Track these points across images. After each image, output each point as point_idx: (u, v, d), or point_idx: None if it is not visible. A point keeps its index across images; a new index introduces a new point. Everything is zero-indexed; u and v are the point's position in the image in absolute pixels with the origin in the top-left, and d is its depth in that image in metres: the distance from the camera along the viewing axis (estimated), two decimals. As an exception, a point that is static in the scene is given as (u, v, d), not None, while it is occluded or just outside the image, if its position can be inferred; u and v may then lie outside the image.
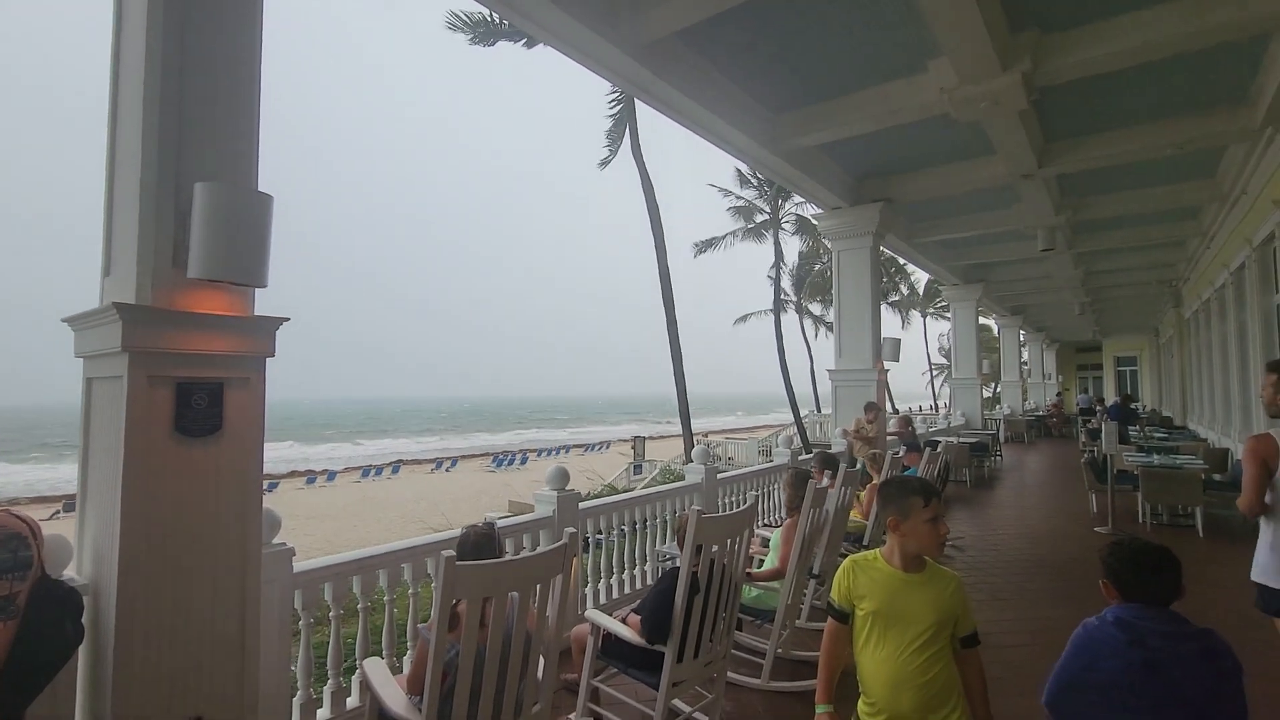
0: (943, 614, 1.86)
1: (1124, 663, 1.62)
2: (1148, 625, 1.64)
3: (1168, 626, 1.64)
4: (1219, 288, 9.55)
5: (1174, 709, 1.56)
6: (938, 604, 1.87)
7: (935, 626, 1.85)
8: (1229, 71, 5.29)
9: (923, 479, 2.08)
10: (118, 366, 2.10)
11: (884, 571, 1.93)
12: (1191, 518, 7.13)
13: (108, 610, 2.06)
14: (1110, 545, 1.79)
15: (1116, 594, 1.73)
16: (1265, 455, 2.74)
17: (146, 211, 2.16)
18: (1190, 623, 1.66)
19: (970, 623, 1.90)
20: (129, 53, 2.31)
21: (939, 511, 1.92)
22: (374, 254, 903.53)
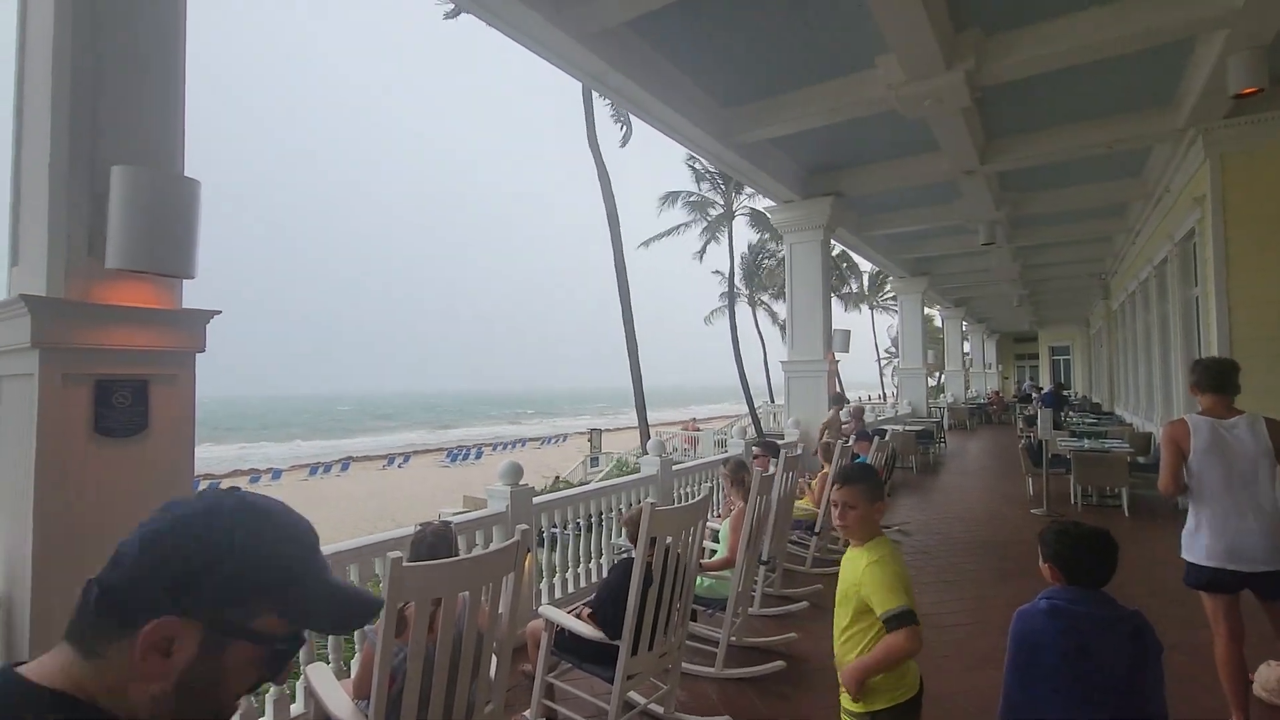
0: (845, 587, 1.94)
1: (1060, 650, 1.68)
2: (1081, 610, 1.71)
3: (1101, 610, 1.71)
4: (1143, 281, 10.11)
5: (1103, 691, 1.63)
6: (845, 577, 1.96)
7: (841, 599, 1.95)
8: (1156, 75, 5.57)
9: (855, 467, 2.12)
10: (28, 364, 1.96)
11: (849, 549, 2.05)
12: (1118, 498, 7.55)
13: (21, 625, 1.93)
14: (1054, 530, 1.83)
15: (1062, 577, 1.78)
16: (1178, 438, 2.89)
17: (57, 196, 2.00)
18: (1120, 604, 1.73)
19: (878, 603, 1.80)
20: (37, 19, 2.14)
21: (838, 499, 2.00)
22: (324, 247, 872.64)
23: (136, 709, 0.63)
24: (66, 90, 2.02)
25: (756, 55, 5.30)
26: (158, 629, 0.62)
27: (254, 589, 0.66)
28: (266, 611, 0.67)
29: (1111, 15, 4.47)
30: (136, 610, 0.63)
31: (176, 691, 0.63)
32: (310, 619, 0.70)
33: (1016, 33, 4.79)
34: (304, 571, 0.70)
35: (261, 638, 0.66)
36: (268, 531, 0.69)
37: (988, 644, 3.71)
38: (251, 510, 0.69)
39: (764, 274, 29.88)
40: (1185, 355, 7.68)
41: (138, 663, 0.62)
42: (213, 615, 0.64)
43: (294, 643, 0.70)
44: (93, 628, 0.64)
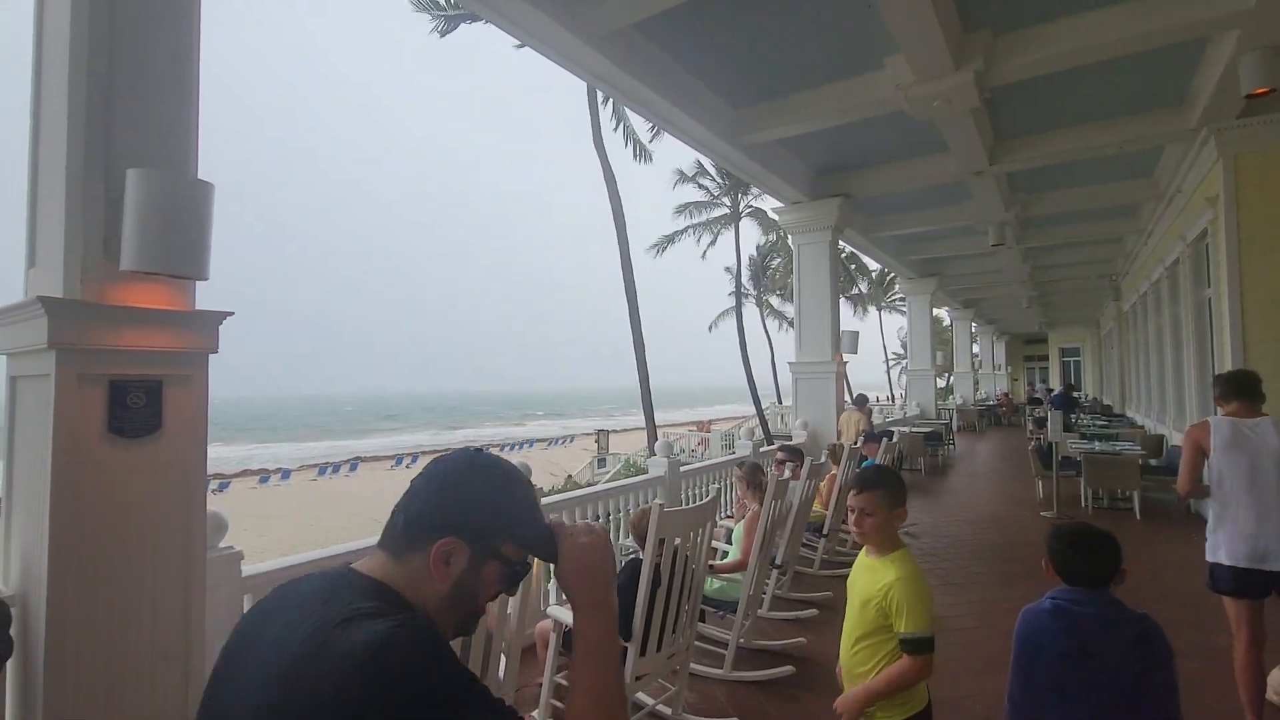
0: (865, 598, 1.89)
1: (1061, 650, 1.67)
2: (1083, 610, 1.70)
3: (1104, 612, 1.69)
4: (1155, 282, 10.03)
5: (1106, 694, 1.62)
6: (864, 588, 1.91)
7: (858, 609, 1.91)
8: (1168, 75, 5.53)
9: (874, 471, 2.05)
10: (44, 365, 1.98)
11: (861, 554, 2.03)
12: (1130, 501, 7.49)
13: (37, 622, 1.95)
14: (1053, 529, 1.84)
15: (1061, 576, 1.78)
16: (1199, 438, 2.88)
17: (74, 199, 2.02)
18: (1127, 607, 1.71)
19: (905, 624, 1.77)
20: (52, 24, 2.17)
21: (854, 505, 1.95)
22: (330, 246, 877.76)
23: (426, 600, 0.89)
24: (82, 95, 2.04)
25: (765, 56, 5.30)
26: (443, 546, 0.89)
27: (502, 524, 0.93)
28: (508, 541, 0.94)
29: (1121, 15, 4.44)
30: (429, 532, 0.90)
31: (451, 591, 0.91)
32: (534, 549, 0.97)
33: (1026, 33, 4.77)
34: (531, 515, 0.97)
35: (505, 559, 0.94)
36: (511, 484, 0.97)
37: (996, 647, 3.69)
38: (500, 468, 0.98)
39: (771, 275, 29.82)
40: (1197, 357, 7.61)
41: (429, 568, 0.89)
42: (476, 540, 0.91)
43: (524, 566, 0.96)
44: (401, 542, 0.91)
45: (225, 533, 2.49)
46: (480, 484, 0.94)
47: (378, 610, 0.81)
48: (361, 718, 0.70)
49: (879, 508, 1.91)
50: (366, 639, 0.75)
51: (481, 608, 0.96)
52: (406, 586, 0.89)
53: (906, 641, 1.78)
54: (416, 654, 0.76)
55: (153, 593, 2.12)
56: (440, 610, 0.90)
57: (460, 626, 0.95)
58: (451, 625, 0.93)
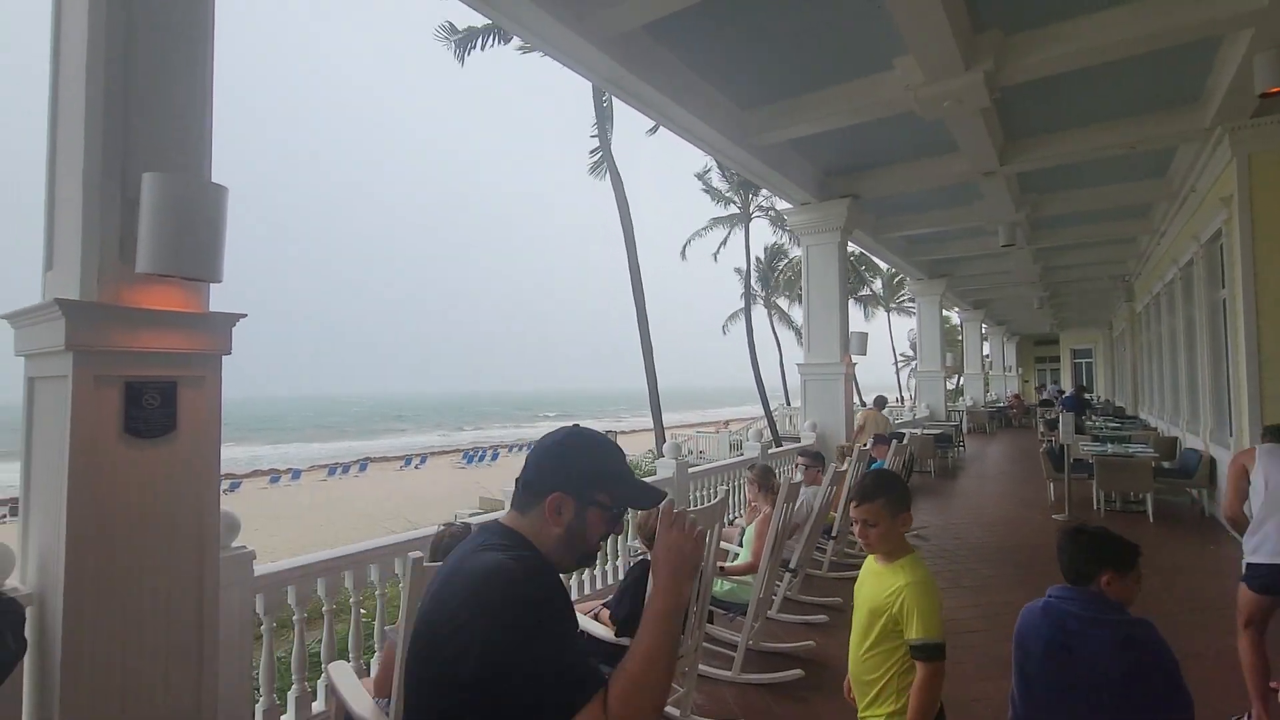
0: (874, 605, 1.86)
1: (1045, 644, 1.71)
2: (1068, 608, 1.73)
3: (1087, 610, 1.70)
4: (1168, 283, 9.93)
5: (1085, 691, 1.62)
6: (873, 595, 1.88)
7: (867, 616, 1.88)
8: (1181, 73, 5.47)
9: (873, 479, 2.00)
10: (61, 366, 2.01)
11: (869, 559, 2.02)
12: (1143, 504, 7.42)
13: (54, 621, 1.97)
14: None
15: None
16: (1244, 461, 3.06)
17: (91, 203, 2.05)
18: (1119, 610, 1.69)
19: (915, 630, 1.76)
20: (70, 31, 2.20)
21: (859, 517, 1.91)
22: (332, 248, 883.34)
23: (546, 543, 1.13)
24: (99, 101, 2.07)
25: (774, 57, 5.29)
26: (554, 500, 1.13)
27: (599, 478, 1.17)
28: (603, 492, 1.17)
29: (1133, 15, 4.40)
30: (542, 489, 1.14)
31: (564, 535, 1.14)
32: (627, 500, 1.21)
33: (1037, 32, 4.74)
34: (621, 471, 1.21)
35: (604, 507, 1.17)
36: (600, 448, 1.20)
37: (1006, 650, 3.64)
38: (593, 436, 1.22)
39: (779, 278, 29.74)
40: (1212, 359, 7.52)
41: (544, 518, 1.13)
42: (579, 493, 1.14)
43: (620, 512, 1.21)
44: (523, 499, 1.17)
45: (238, 532, 2.52)
46: (576, 449, 1.18)
47: (504, 546, 1.09)
48: (468, 623, 0.98)
49: (881, 517, 1.87)
50: (486, 563, 1.04)
51: (595, 546, 1.19)
52: (530, 533, 1.14)
53: (917, 648, 1.74)
54: (518, 580, 1.01)
55: (167, 591, 2.15)
56: (558, 550, 1.14)
57: (579, 561, 1.19)
58: (570, 560, 1.17)
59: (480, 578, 1.02)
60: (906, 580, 1.80)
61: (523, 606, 0.98)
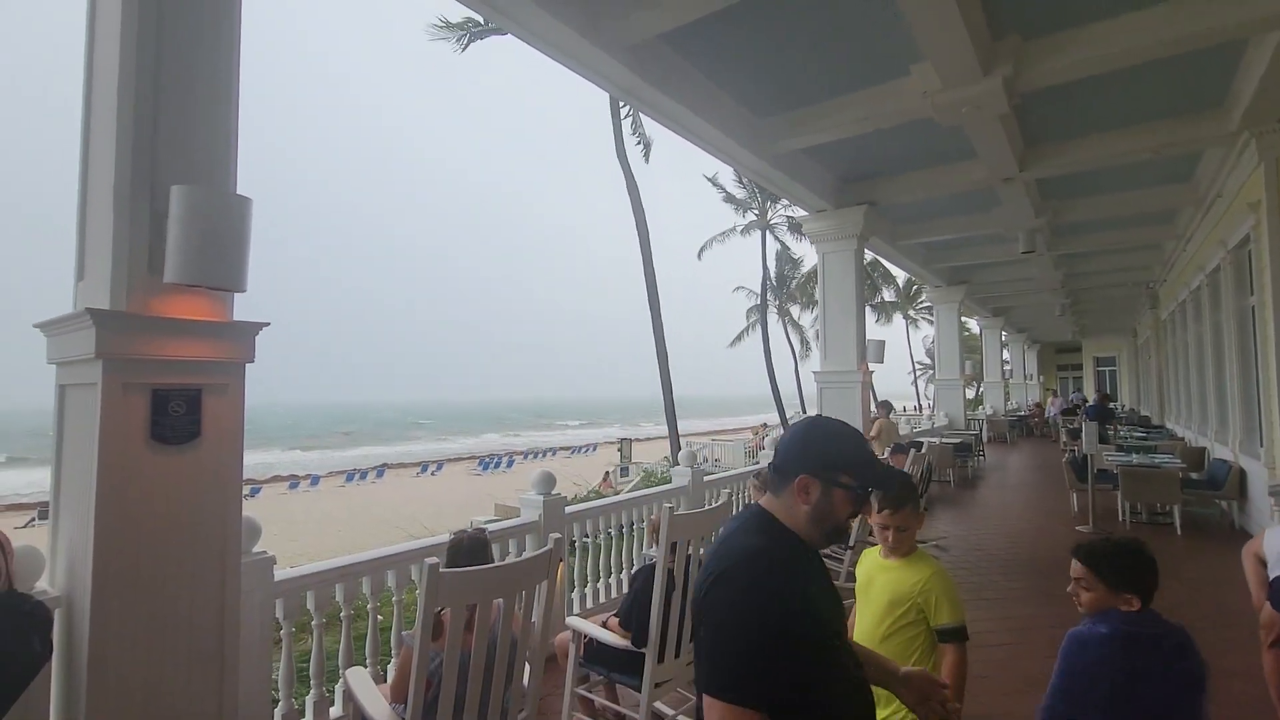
0: (896, 597, 1.92)
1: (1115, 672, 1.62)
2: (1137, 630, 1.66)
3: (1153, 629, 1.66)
4: (1195, 290, 9.73)
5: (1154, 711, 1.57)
6: (893, 587, 1.94)
7: (887, 608, 1.93)
8: (1206, 76, 5.38)
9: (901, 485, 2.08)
10: (91, 374, 2.06)
11: (871, 555, 2.08)
12: (1170, 516, 7.25)
13: (81, 623, 2.01)
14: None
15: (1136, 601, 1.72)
16: (1254, 548, 2.97)
17: (121, 215, 2.11)
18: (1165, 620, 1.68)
19: (947, 615, 1.89)
20: (103, 51, 2.27)
21: (888, 522, 1.97)
22: (354, 255, 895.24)
23: (797, 521, 1.26)
24: (130, 117, 2.13)
25: (790, 65, 5.29)
26: (801, 482, 1.25)
27: (841, 461, 1.26)
28: (846, 474, 1.25)
29: (1156, 19, 4.33)
30: (790, 472, 1.26)
31: (812, 513, 1.25)
32: (869, 481, 1.28)
33: (1056, 37, 4.68)
34: (860, 455, 1.29)
35: (847, 487, 1.25)
36: (840, 435, 1.31)
37: (1032, 667, 3.58)
38: (832, 424, 1.33)
39: (793, 285, 29.61)
40: (1240, 367, 7.36)
41: (794, 499, 1.26)
42: (824, 474, 1.24)
43: (865, 492, 1.28)
44: (775, 483, 1.30)
45: (259, 538, 2.56)
46: (817, 437, 1.30)
47: (760, 529, 1.26)
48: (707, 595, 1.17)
49: (912, 521, 1.97)
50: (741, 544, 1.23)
51: (844, 523, 1.28)
52: (783, 514, 1.28)
53: (951, 631, 1.87)
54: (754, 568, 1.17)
55: (190, 596, 2.18)
56: (807, 527, 1.26)
57: (828, 537, 1.29)
58: (819, 536, 1.28)
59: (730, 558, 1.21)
60: (932, 570, 1.92)
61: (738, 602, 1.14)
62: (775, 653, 1.09)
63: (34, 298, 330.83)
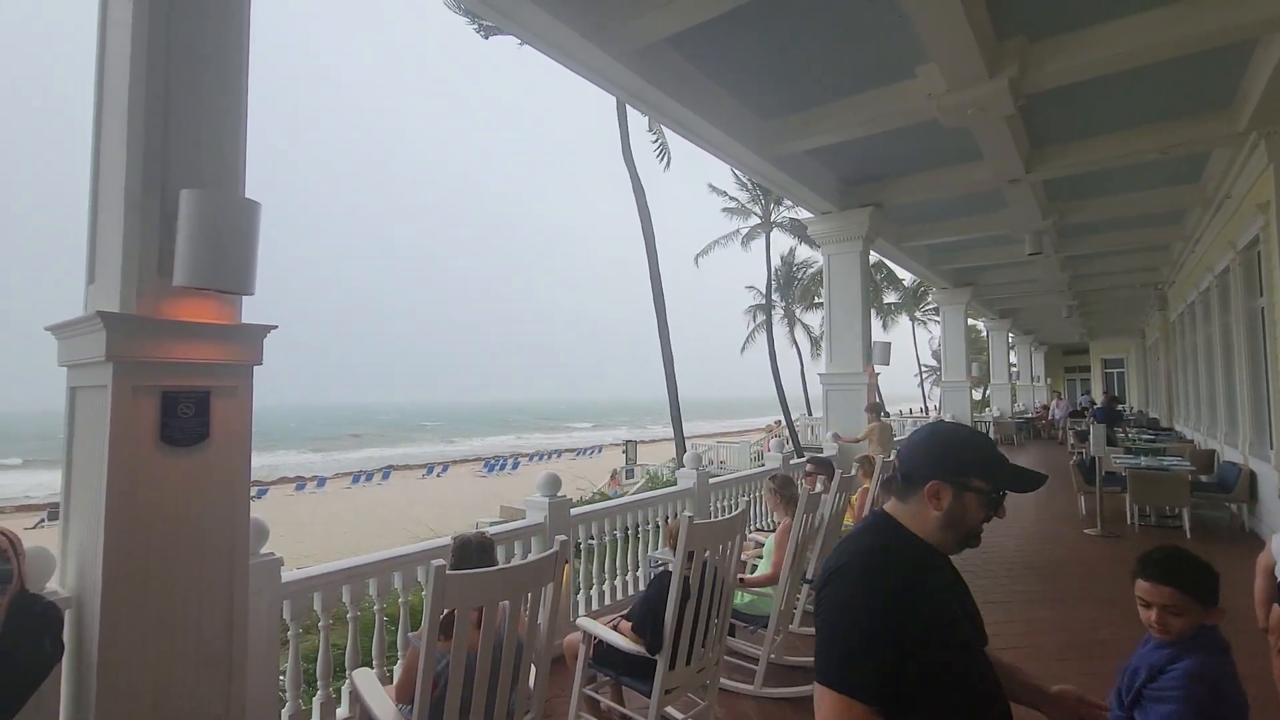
0: None
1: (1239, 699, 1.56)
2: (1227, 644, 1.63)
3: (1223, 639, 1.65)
4: (1204, 291, 9.66)
5: None
6: None
7: None
8: (1214, 77, 5.35)
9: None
10: (102, 376, 2.07)
11: None
12: (1179, 519, 7.19)
13: (91, 623, 2.03)
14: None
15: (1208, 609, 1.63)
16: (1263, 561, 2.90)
17: (131, 219, 2.13)
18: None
19: None
20: (113, 57, 2.29)
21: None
22: (356, 257, 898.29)
23: (926, 527, 1.26)
24: (140, 120, 2.15)
25: (795, 67, 5.30)
26: (931, 487, 1.25)
27: (970, 466, 1.25)
28: (978, 478, 1.25)
29: (1162, 19, 4.31)
30: (919, 478, 1.27)
31: (943, 519, 1.25)
32: (1003, 484, 1.26)
33: (1062, 38, 4.67)
34: (993, 457, 1.28)
35: (979, 492, 1.24)
36: (967, 439, 1.31)
37: (1039, 670, 3.56)
38: (958, 429, 1.33)
39: (798, 287, 29.56)
40: (1250, 369, 7.30)
41: (924, 505, 1.26)
42: (954, 479, 1.24)
43: (1000, 496, 1.26)
44: (902, 489, 1.30)
45: (267, 539, 2.57)
46: (945, 441, 1.30)
47: (880, 531, 1.30)
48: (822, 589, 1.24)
49: None
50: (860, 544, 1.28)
51: (978, 528, 1.27)
52: (908, 519, 1.28)
53: None
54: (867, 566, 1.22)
55: (198, 597, 2.20)
56: (939, 533, 1.26)
57: (960, 542, 1.28)
58: (952, 542, 1.27)
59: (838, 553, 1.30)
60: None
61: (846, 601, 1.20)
62: (884, 649, 1.11)
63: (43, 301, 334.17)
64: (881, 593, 1.16)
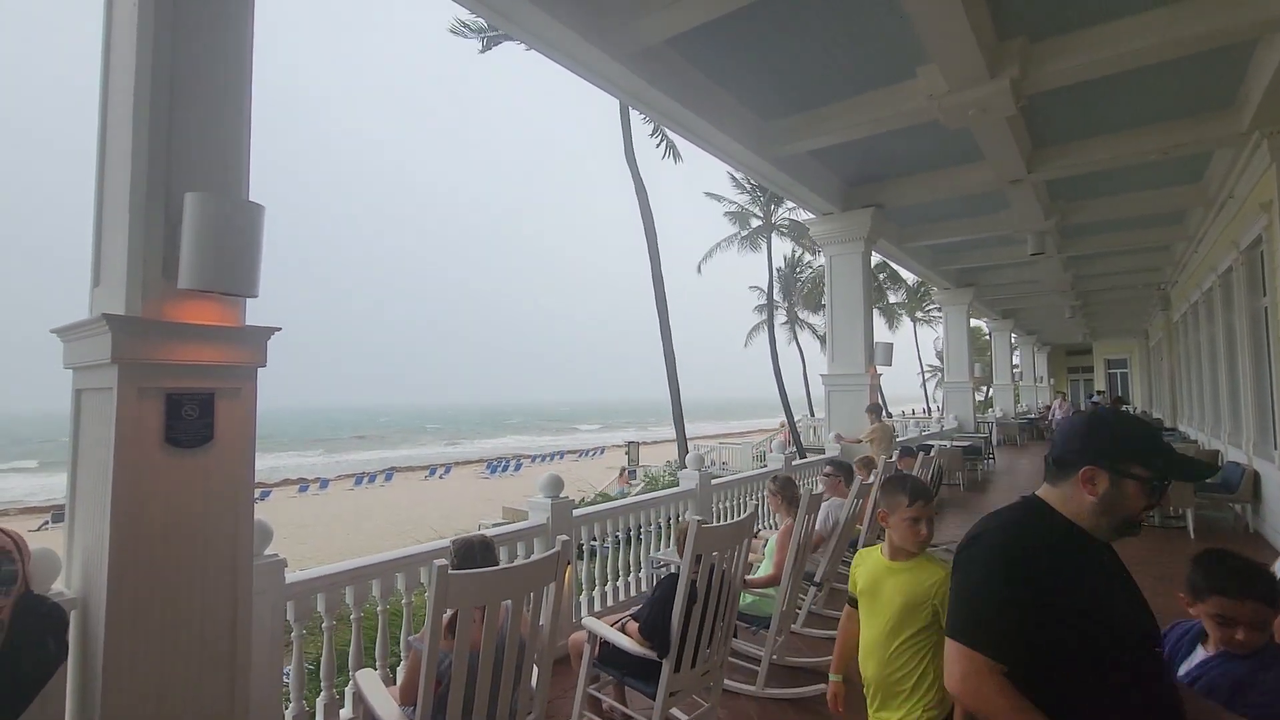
0: (911, 599, 1.92)
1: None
2: None
3: None
4: (1207, 291, 9.64)
5: None
6: (908, 590, 1.94)
7: (902, 611, 1.93)
8: (1215, 77, 5.35)
9: (918, 480, 2.12)
10: (107, 378, 2.09)
11: (874, 559, 2.08)
12: (1183, 519, 7.17)
13: (96, 624, 2.04)
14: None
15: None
16: None
17: (136, 222, 2.14)
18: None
19: None
20: (118, 62, 2.31)
21: (922, 514, 2.00)
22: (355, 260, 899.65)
23: (1081, 512, 1.27)
24: (145, 124, 2.17)
25: (796, 68, 5.31)
26: (1086, 472, 1.26)
27: (1132, 452, 1.24)
28: (1139, 465, 1.23)
29: (1163, 20, 4.31)
30: (1073, 463, 1.27)
31: (1098, 505, 1.25)
32: (1166, 472, 1.25)
33: (1063, 39, 4.67)
34: (1156, 445, 1.26)
35: (1140, 480, 1.23)
36: (1128, 425, 1.29)
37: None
38: (1119, 414, 1.33)
39: (801, 288, 29.56)
40: (1254, 368, 7.28)
41: (1077, 490, 1.27)
42: (1113, 466, 1.24)
43: (1162, 484, 1.24)
44: (1054, 474, 1.32)
45: (270, 541, 2.58)
46: (1102, 428, 1.29)
47: (1029, 509, 1.32)
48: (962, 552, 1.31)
49: (933, 513, 2.03)
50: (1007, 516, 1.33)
51: (1137, 515, 1.26)
52: (1059, 502, 1.30)
53: None
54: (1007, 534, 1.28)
55: (202, 598, 2.21)
56: (1093, 518, 1.26)
57: (1118, 529, 1.27)
58: (1108, 528, 1.27)
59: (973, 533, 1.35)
60: (945, 570, 1.93)
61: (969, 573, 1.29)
62: (1014, 612, 1.16)
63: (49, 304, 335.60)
64: (1019, 560, 1.20)
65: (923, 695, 1.88)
